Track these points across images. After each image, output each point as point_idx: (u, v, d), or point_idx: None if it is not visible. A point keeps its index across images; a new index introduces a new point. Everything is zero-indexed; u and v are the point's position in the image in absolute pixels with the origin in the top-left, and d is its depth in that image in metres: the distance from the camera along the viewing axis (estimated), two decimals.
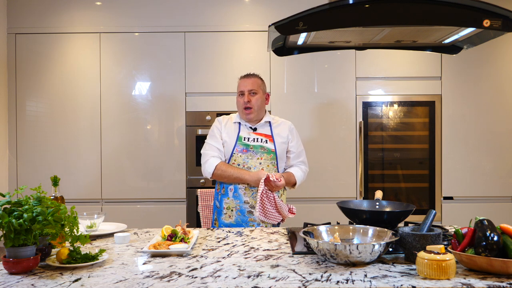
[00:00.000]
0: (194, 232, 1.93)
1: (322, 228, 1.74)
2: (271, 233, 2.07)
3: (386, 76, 3.72)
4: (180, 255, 1.66)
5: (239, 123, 2.59)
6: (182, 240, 1.78)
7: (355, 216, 1.91)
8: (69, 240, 1.54)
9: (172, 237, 1.80)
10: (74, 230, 1.55)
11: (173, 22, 3.73)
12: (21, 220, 1.42)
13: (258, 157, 2.50)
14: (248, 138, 2.54)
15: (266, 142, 2.54)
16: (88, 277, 1.40)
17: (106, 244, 1.87)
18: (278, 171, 2.55)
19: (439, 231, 1.56)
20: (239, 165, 2.49)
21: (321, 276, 1.39)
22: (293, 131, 2.65)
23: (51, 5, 3.73)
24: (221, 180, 2.50)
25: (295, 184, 2.60)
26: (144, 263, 1.57)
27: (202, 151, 2.58)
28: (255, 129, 2.58)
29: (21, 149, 3.73)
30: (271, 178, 2.34)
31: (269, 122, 2.61)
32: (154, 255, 1.66)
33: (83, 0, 3.73)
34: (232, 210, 2.48)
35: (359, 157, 3.65)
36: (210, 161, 2.50)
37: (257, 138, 2.55)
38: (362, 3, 1.68)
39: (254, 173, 2.41)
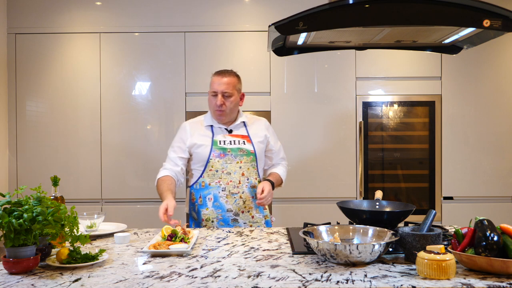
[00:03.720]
0: (194, 232, 1.93)
1: (322, 228, 1.74)
2: (271, 233, 2.07)
3: (386, 76, 3.72)
4: (180, 255, 1.66)
5: (212, 126, 2.42)
6: (182, 240, 1.78)
7: (355, 216, 1.91)
8: (69, 240, 1.54)
9: (172, 237, 1.80)
10: (74, 230, 1.55)
11: (173, 22, 3.73)
12: (21, 220, 1.42)
13: (238, 160, 2.35)
14: (224, 141, 2.37)
15: (244, 144, 2.38)
16: (88, 277, 1.40)
17: (106, 244, 1.87)
18: (258, 173, 2.41)
19: (439, 231, 1.56)
20: (217, 171, 2.32)
21: (321, 276, 1.39)
22: (269, 128, 2.52)
23: (51, 5, 3.73)
24: None
25: (281, 183, 2.52)
26: (144, 263, 1.57)
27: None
28: (230, 131, 2.42)
29: (21, 149, 3.73)
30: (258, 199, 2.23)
31: (244, 122, 2.45)
32: (154, 255, 1.66)
33: (83, 0, 3.73)
34: (212, 222, 2.31)
35: (359, 157, 3.65)
36: (160, 173, 2.38)
37: (234, 140, 2.39)
38: (362, 3, 1.68)
39: (165, 201, 2.14)
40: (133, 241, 1.92)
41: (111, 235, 2.02)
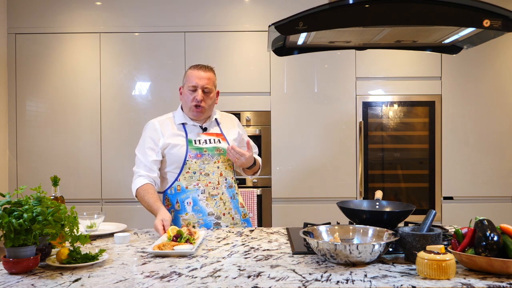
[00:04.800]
0: (201, 233, 1.90)
1: (322, 228, 1.74)
2: (271, 233, 2.07)
3: (386, 76, 3.72)
4: (182, 255, 1.66)
5: (184, 124, 2.27)
6: (188, 241, 1.75)
7: (355, 216, 1.91)
8: (69, 240, 1.54)
9: (177, 237, 1.77)
10: (74, 230, 1.55)
11: (173, 22, 3.73)
12: (21, 220, 1.42)
13: (215, 160, 2.22)
14: (199, 141, 2.23)
15: (220, 142, 2.26)
16: (88, 277, 1.40)
17: (106, 244, 1.87)
18: (234, 173, 2.32)
19: (439, 231, 1.56)
20: (195, 173, 2.18)
21: (321, 276, 1.39)
22: (239, 125, 2.43)
23: (51, 5, 3.73)
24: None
25: (258, 170, 2.36)
26: (144, 263, 1.57)
27: (133, 168, 2.28)
28: (205, 129, 2.28)
29: (21, 149, 3.73)
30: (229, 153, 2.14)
31: (216, 119, 2.34)
32: (158, 256, 1.65)
33: (83, 0, 3.73)
34: (194, 227, 2.16)
35: (359, 157, 3.65)
36: (135, 182, 2.19)
37: (210, 139, 2.25)
38: (362, 3, 1.68)
39: (159, 215, 1.98)
40: (133, 241, 1.92)
41: (111, 235, 2.02)
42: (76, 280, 1.37)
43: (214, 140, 2.26)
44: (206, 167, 2.20)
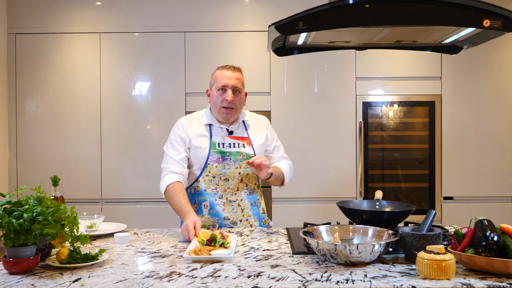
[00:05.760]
0: (232, 237, 1.82)
1: (322, 228, 1.74)
2: (271, 233, 2.07)
3: (386, 76, 3.72)
4: (220, 260, 1.59)
5: (210, 125, 2.22)
6: (222, 245, 1.69)
7: (355, 216, 1.91)
8: (69, 240, 1.54)
9: (211, 241, 1.71)
10: (74, 230, 1.55)
11: (173, 22, 3.73)
12: (21, 220, 1.42)
13: (237, 165, 2.17)
14: (223, 144, 2.18)
15: (244, 147, 2.20)
16: (88, 277, 1.40)
17: (106, 244, 1.87)
18: (257, 179, 2.26)
19: (439, 231, 1.56)
20: (214, 177, 2.15)
21: (321, 276, 1.39)
22: (269, 127, 2.34)
23: (51, 5, 3.73)
24: None
25: (283, 181, 2.26)
26: (144, 263, 1.57)
27: (162, 165, 2.22)
28: (231, 132, 2.22)
29: (21, 149, 3.73)
30: (250, 161, 2.04)
31: (244, 121, 2.28)
32: (196, 261, 1.57)
33: (83, 0, 3.73)
34: (208, 228, 2.12)
35: (359, 157, 3.65)
36: (165, 179, 2.14)
37: (234, 143, 2.19)
38: (362, 3, 1.68)
39: (191, 217, 1.93)
40: (133, 241, 1.92)
41: (111, 235, 2.02)
42: (76, 280, 1.37)
43: (238, 144, 2.20)
44: (227, 172, 2.16)
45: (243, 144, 2.21)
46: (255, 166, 2.06)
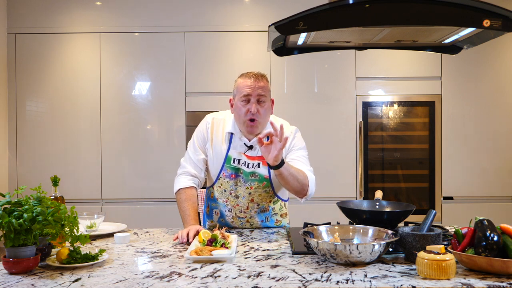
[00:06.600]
0: (233, 237, 1.81)
1: (322, 228, 1.74)
2: (271, 233, 2.07)
3: (386, 76, 3.72)
4: (221, 260, 1.59)
5: (232, 134, 2.09)
6: (223, 245, 1.69)
7: (355, 216, 1.91)
8: (69, 240, 1.54)
9: (212, 242, 1.70)
10: (74, 230, 1.55)
11: (173, 22, 3.73)
12: (21, 220, 1.42)
13: (247, 186, 2.08)
14: (239, 161, 2.06)
15: (259, 167, 2.06)
16: (88, 277, 1.40)
17: (106, 244, 1.87)
18: (275, 195, 2.15)
19: (439, 231, 1.56)
20: (225, 191, 2.10)
21: (321, 276, 1.39)
22: (296, 137, 2.14)
23: (51, 5, 3.73)
24: None
25: (305, 187, 1.98)
26: (144, 263, 1.56)
27: (181, 159, 2.19)
28: (250, 147, 2.06)
29: (21, 149, 3.73)
30: (263, 139, 1.76)
31: None
32: (197, 262, 1.57)
33: (83, 0, 3.74)
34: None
35: (359, 157, 3.65)
36: (180, 179, 2.12)
37: (249, 163, 2.06)
38: (362, 3, 1.67)
39: (196, 226, 1.90)
40: (133, 241, 1.92)
41: (111, 235, 2.02)
42: (76, 280, 1.37)
43: (253, 164, 2.06)
44: (238, 189, 2.10)
45: (258, 164, 2.07)
46: (264, 144, 1.77)
